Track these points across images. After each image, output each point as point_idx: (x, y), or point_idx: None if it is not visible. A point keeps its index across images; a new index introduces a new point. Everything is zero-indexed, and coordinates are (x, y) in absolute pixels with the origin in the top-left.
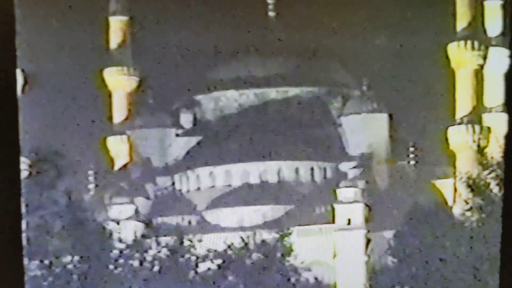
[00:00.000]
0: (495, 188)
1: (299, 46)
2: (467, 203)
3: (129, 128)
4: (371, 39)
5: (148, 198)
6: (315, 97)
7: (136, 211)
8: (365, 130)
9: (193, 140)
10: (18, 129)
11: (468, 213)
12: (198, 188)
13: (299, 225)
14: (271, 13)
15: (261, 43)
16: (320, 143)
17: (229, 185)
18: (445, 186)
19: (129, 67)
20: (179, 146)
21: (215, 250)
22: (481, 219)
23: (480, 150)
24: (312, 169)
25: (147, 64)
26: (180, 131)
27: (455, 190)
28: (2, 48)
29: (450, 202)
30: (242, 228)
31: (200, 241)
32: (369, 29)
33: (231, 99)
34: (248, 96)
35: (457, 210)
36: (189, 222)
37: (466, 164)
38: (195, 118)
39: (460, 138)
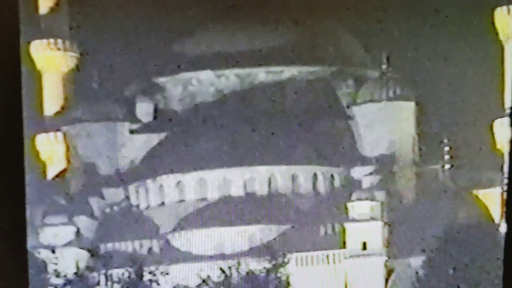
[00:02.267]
0: None
1: (296, 11)
2: None
3: (65, 122)
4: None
5: (93, 217)
6: (318, 79)
7: (78, 235)
8: (385, 124)
9: (154, 138)
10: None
11: None
12: (162, 203)
13: (298, 251)
14: None
15: (245, 6)
16: (325, 142)
17: (204, 199)
18: (490, 197)
19: (64, 39)
20: (135, 146)
21: (186, 286)
22: None
23: None
24: (314, 176)
25: (90, 36)
26: (136, 126)
27: (504, 202)
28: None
29: (496, 218)
30: (222, 256)
31: (165, 274)
32: None
33: (206, 83)
34: (229, 78)
35: (505, 229)
36: (150, 249)
37: None
38: (156, 109)
39: (509, 134)
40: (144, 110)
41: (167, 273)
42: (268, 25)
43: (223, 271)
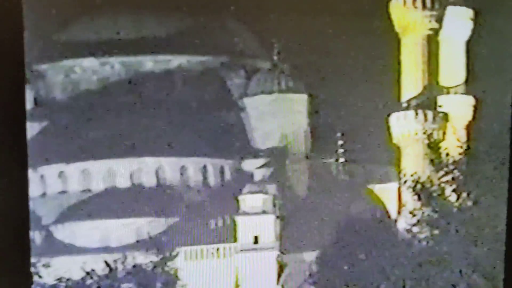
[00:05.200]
0: (451, 196)
1: None
2: (413, 215)
3: None
4: None
5: None
6: (208, 69)
7: None
8: (277, 116)
9: (35, 127)
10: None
11: (416, 229)
12: (44, 194)
13: (187, 244)
14: None
15: None
16: (215, 133)
17: (88, 190)
18: (386, 192)
19: None
20: None
21: (69, 279)
22: (433, 237)
23: (433, 145)
24: (204, 168)
25: None
26: None
27: (400, 198)
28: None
29: (393, 214)
30: (107, 249)
31: (47, 266)
32: None
33: (89, 71)
34: (113, 67)
35: (402, 225)
36: (31, 241)
37: (413, 163)
38: (36, 96)
39: (406, 128)
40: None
41: (49, 266)
42: (156, 12)
43: (107, 265)
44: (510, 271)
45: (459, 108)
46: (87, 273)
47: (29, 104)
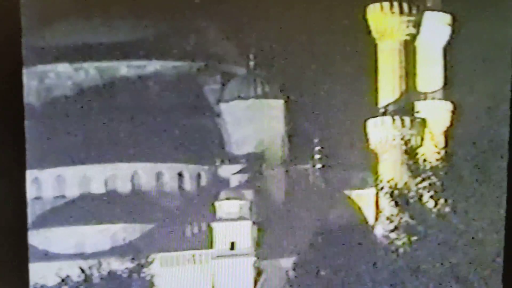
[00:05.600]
0: (429, 202)
1: (161, 3)
2: (391, 221)
3: None
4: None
5: None
6: (183, 74)
7: None
8: (253, 122)
9: None
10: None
11: (393, 235)
12: None
13: (163, 251)
14: None
15: None
16: (191, 139)
17: (63, 196)
18: (363, 198)
19: None
20: None
21: (43, 286)
22: (410, 243)
23: (410, 151)
24: (180, 174)
25: None
26: None
27: (377, 204)
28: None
29: (370, 220)
30: (82, 255)
31: None
32: None
33: (63, 76)
34: (88, 72)
35: (379, 231)
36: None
37: (390, 169)
38: None
39: (383, 134)
40: None
41: None
42: (131, 17)
43: (83, 271)
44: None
45: (437, 113)
46: (62, 279)
47: None
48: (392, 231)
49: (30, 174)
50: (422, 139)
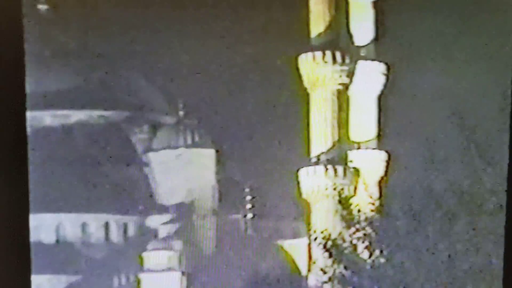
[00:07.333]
0: (363, 253)
1: (83, 49)
2: (324, 272)
3: None
4: (194, 47)
5: None
6: (110, 124)
7: None
8: (183, 171)
9: None
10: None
11: (327, 286)
12: None
13: None
14: (42, 6)
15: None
16: (118, 189)
17: None
18: (296, 248)
19: None
20: None
21: None
22: None
23: (344, 201)
24: (106, 224)
25: None
26: None
27: (310, 254)
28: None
29: (303, 270)
30: None
31: None
32: (191, 32)
33: None
34: None
35: (312, 282)
36: None
37: (323, 219)
38: None
39: (315, 184)
40: None
41: None
42: (55, 66)
43: None
44: None
45: (370, 163)
46: None
47: None
48: (326, 282)
49: None
50: (355, 189)
